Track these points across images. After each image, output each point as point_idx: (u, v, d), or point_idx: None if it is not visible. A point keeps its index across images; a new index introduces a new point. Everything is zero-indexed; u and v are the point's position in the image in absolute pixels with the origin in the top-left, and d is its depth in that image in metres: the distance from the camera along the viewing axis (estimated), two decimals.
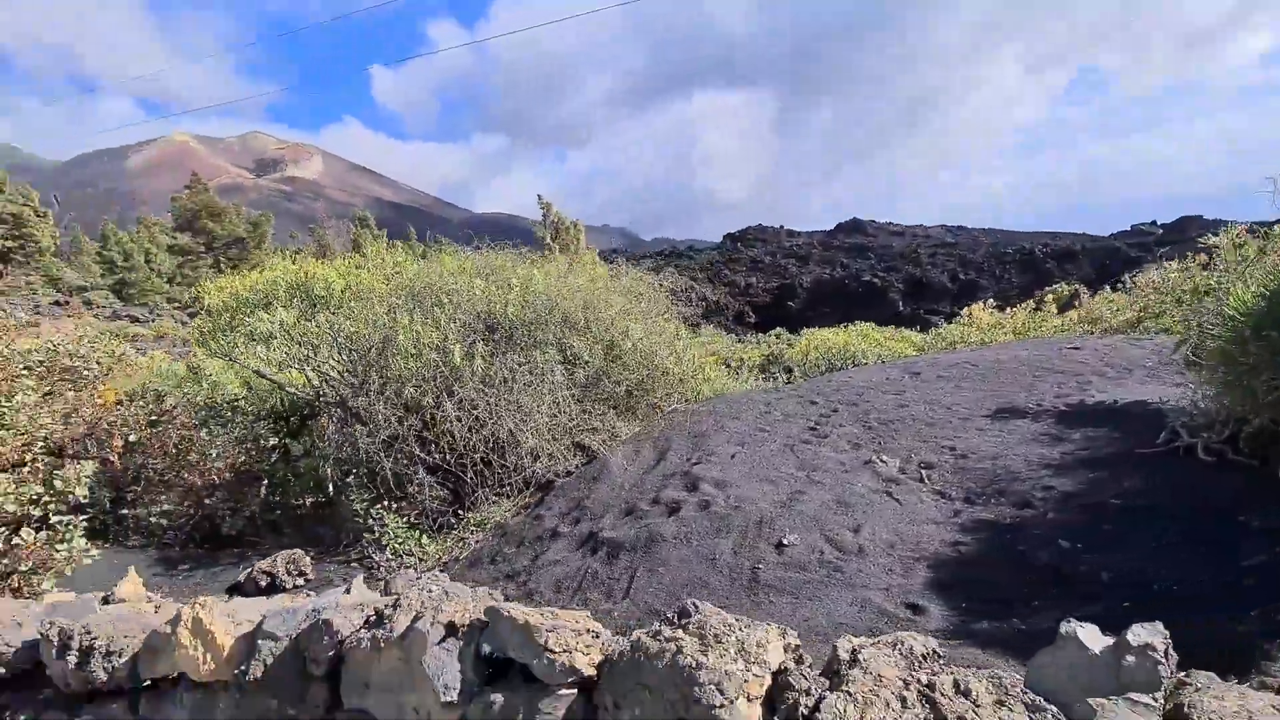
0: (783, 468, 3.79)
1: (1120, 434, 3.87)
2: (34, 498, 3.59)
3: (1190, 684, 1.19)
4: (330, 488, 4.53)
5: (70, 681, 1.95)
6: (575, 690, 1.48)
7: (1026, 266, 54.70)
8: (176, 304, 44.77)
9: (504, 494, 4.41)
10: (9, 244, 46.96)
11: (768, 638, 1.42)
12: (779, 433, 4.47)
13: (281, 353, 4.17)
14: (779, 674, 1.35)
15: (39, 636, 2.03)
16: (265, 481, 4.98)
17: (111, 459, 4.27)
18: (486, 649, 1.55)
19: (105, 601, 2.59)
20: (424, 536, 4.05)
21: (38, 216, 50.16)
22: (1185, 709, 1.12)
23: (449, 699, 1.51)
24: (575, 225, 39.17)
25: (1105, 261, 51.63)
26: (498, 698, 1.49)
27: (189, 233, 52.28)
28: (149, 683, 1.92)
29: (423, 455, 4.02)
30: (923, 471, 3.73)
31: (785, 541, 2.90)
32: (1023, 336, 9.03)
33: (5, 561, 3.45)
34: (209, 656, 1.79)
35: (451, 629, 1.59)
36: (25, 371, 4.38)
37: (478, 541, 4.02)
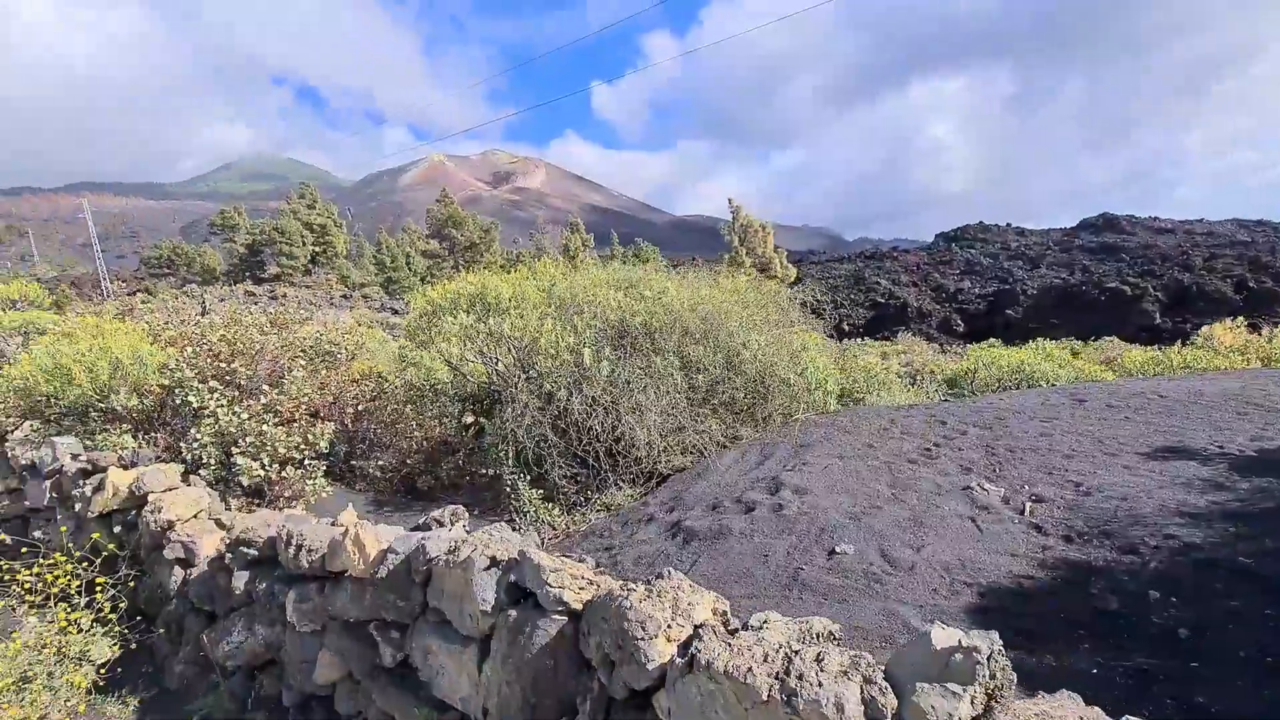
0: (871, 483, 3.87)
1: None
2: (297, 445, 5.04)
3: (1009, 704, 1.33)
4: (495, 461, 5.54)
5: (289, 566, 2.94)
6: (565, 618, 1.99)
7: None
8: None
9: (625, 482, 5.03)
10: (316, 249, 59.94)
11: (700, 600, 1.79)
12: (886, 449, 4.46)
13: (460, 348, 5.23)
14: (699, 627, 1.72)
15: (275, 535, 3.07)
16: (461, 452, 6.20)
17: (347, 423, 5.71)
18: (513, 579, 2.13)
19: (332, 524, 3.70)
20: (556, 509, 4.82)
21: (336, 227, 63.19)
22: (994, 713, 1.28)
23: (485, 609, 2.11)
24: (764, 228, 39.04)
25: None
26: (514, 613, 2.05)
27: (437, 239, 61.94)
28: (330, 574, 2.83)
29: (556, 440, 4.79)
30: (1027, 504, 3.54)
31: (838, 549, 3.08)
32: (1275, 364, 7.44)
33: (276, 489, 4.92)
34: (360, 560, 2.61)
35: (494, 562, 2.19)
36: (301, 355, 6.06)
37: (596, 520, 4.68)
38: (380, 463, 5.83)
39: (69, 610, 3.51)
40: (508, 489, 5.03)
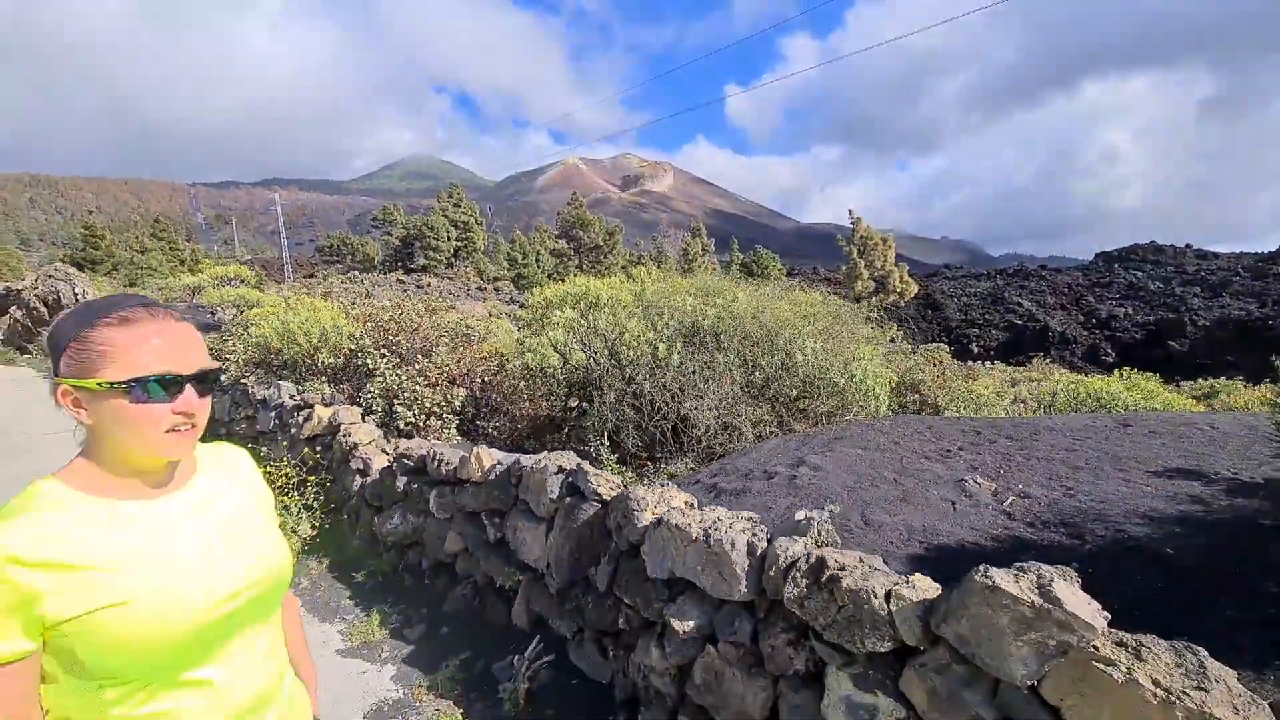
0: (880, 469, 4.62)
1: None
2: (439, 402, 6.56)
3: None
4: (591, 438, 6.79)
5: (433, 474, 4.29)
6: (599, 504, 3.09)
7: None
8: None
9: (688, 457, 6.06)
10: (459, 244, 65.66)
11: (677, 496, 2.82)
12: (908, 447, 5.14)
13: (566, 337, 6.51)
14: (671, 509, 2.75)
15: (426, 454, 4.44)
16: (566, 429, 7.54)
17: (475, 390, 7.20)
18: (571, 481, 3.26)
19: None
20: (629, 471, 5.95)
21: (477, 225, 68.77)
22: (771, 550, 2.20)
23: (552, 498, 3.27)
24: (884, 240, 38.05)
25: None
26: (569, 500, 3.19)
27: (565, 239, 65.74)
28: (459, 480, 4.14)
29: (632, 415, 5.92)
30: (1010, 498, 4.15)
31: (826, 509, 3.93)
32: None
33: (422, 433, 6.46)
34: (479, 470, 3.88)
35: (561, 469, 3.34)
36: (445, 335, 7.67)
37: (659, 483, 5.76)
38: (496, 425, 7.27)
39: (287, 498, 5.15)
40: (592, 452, 6.23)
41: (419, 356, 6.91)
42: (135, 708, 0.93)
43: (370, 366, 6.70)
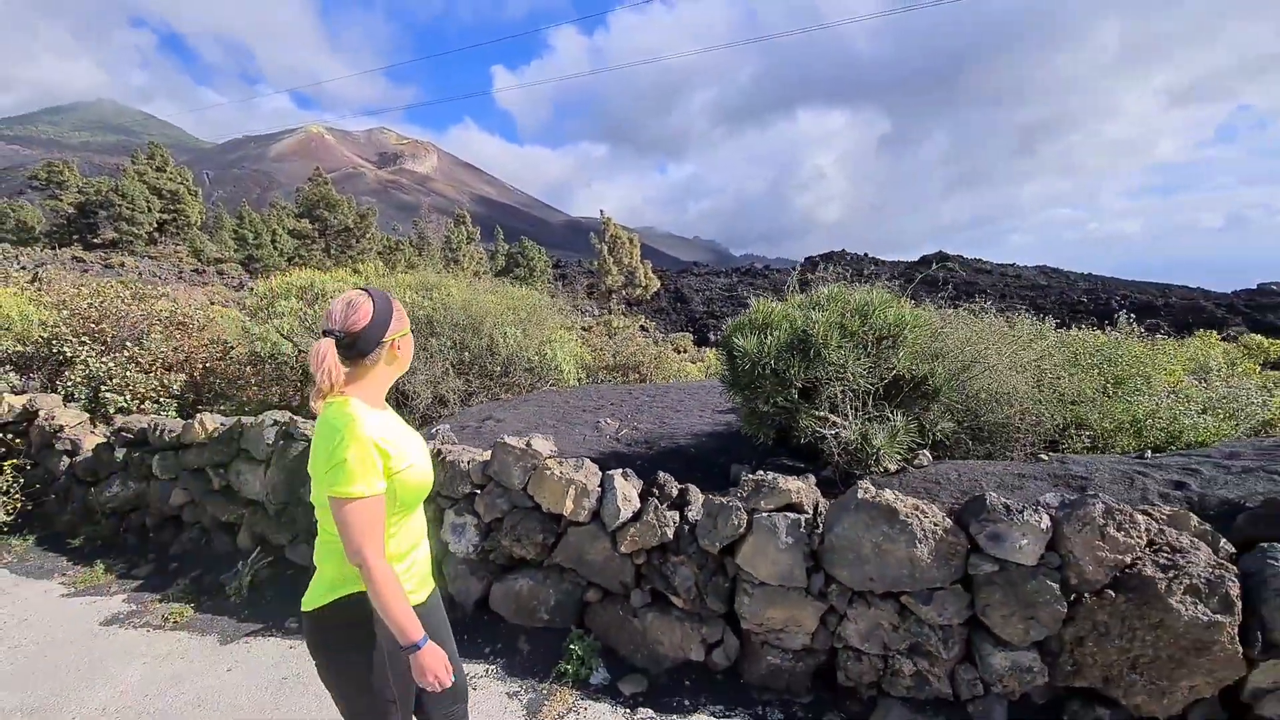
0: (547, 418, 6.44)
1: None
2: (154, 388, 6.79)
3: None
4: None
5: (154, 442, 4.94)
6: (307, 441, 4.27)
7: (1098, 315, 52.72)
8: None
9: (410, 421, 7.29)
10: (165, 217, 55.52)
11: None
12: (574, 405, 7.10)
13: (290, 325, 7.23)
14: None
15: (147, 425, 5.05)
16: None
17: (195, 376, 7.48)
18: (286, 430, 4.38)
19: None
20: None
21: (191, 195, 58.74)
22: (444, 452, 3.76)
23: (268, 443, 4.35)
24: (631, 240, 42.37)
25: (1187, 319, 49.04)
26: (282, 443, 4.32)
27: (309, 219, 59.54)
28: (182, 444, 4.88)
29: None
30: (624, 430, 6.26)
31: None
32: None
33: (145, 415, 6.66)
34: (203, 433, 4.71)
35: (275, 423, 4.42)
36: (158, 324, 7.71)
37: None
38: (222, 409, 7.64)
39: None
40: None
41: (127, 344, 6.98)
42: (404, 523, 1.65)
43: (68, 354, 6.63)
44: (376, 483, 1.48)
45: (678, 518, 3.17)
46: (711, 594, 2.98)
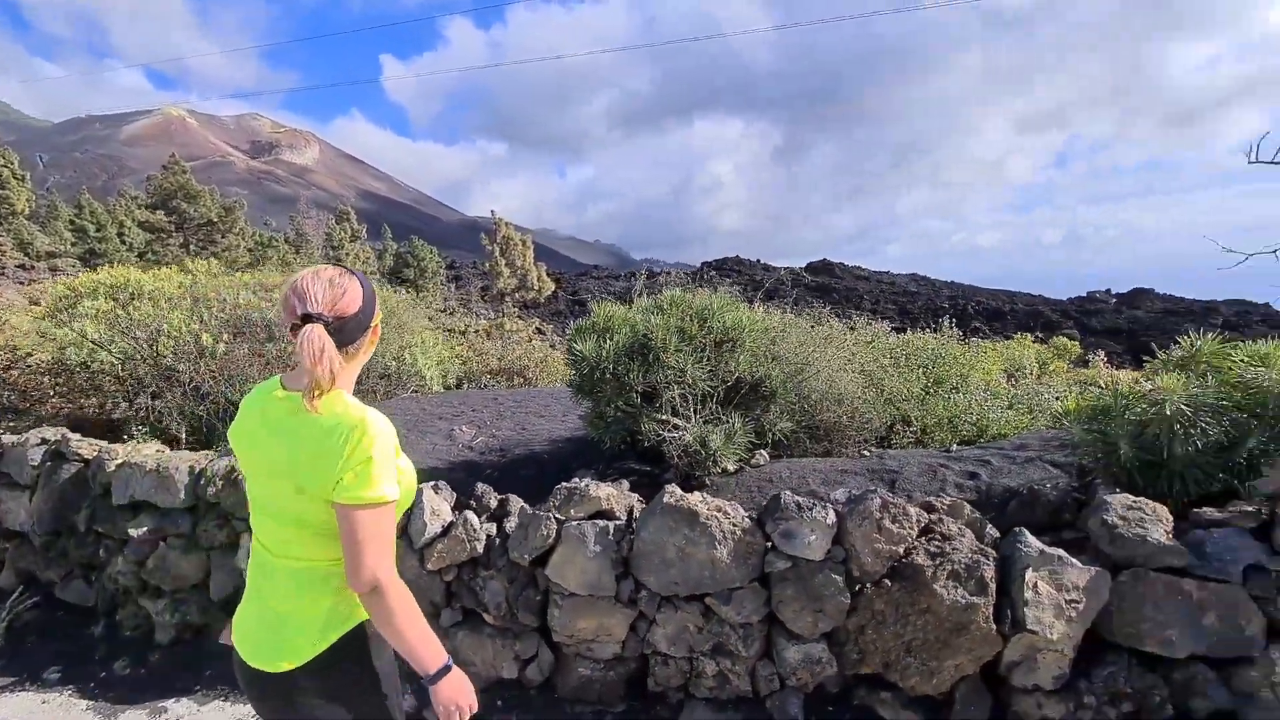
0: (398, 425, 6.08)
1: None
2: None
3: None
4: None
5: None
6: (81, 463, 3.74)
7: (957, 320, 58.43)
8: None
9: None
10: None
11: (143, 448, 3.69)
12: (433, 412, 6.77)
13: (99, 330, 6.38)
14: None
15: None
16: (135, 426, 7.12)
17: None
18: (58, 450, 3.80)
19: None
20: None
21: (17, 180, 51.25)
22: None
23: (33, 465, 3.76)
24: (524, 241, 41.66)
25: (1030, 323, 55.16)
26: (51, 464, 3.75)
27: (163, 211, 53.65)
28: None
29: (178, 399, 6.25)
30: (481, 437, 6.05)
31: None
32: None
33: None
34: None
35: (43, 441, 3.84)
36: None
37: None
38: (10, 425, 6.60)
39: None
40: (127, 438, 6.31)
41: None
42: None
43: None
44: (395, 486, 1.32)
45: (494, 530, 3.04)
46: (523, 608, 2.87)
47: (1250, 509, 2.59)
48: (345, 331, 1.35)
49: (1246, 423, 2.88)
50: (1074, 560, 2.51)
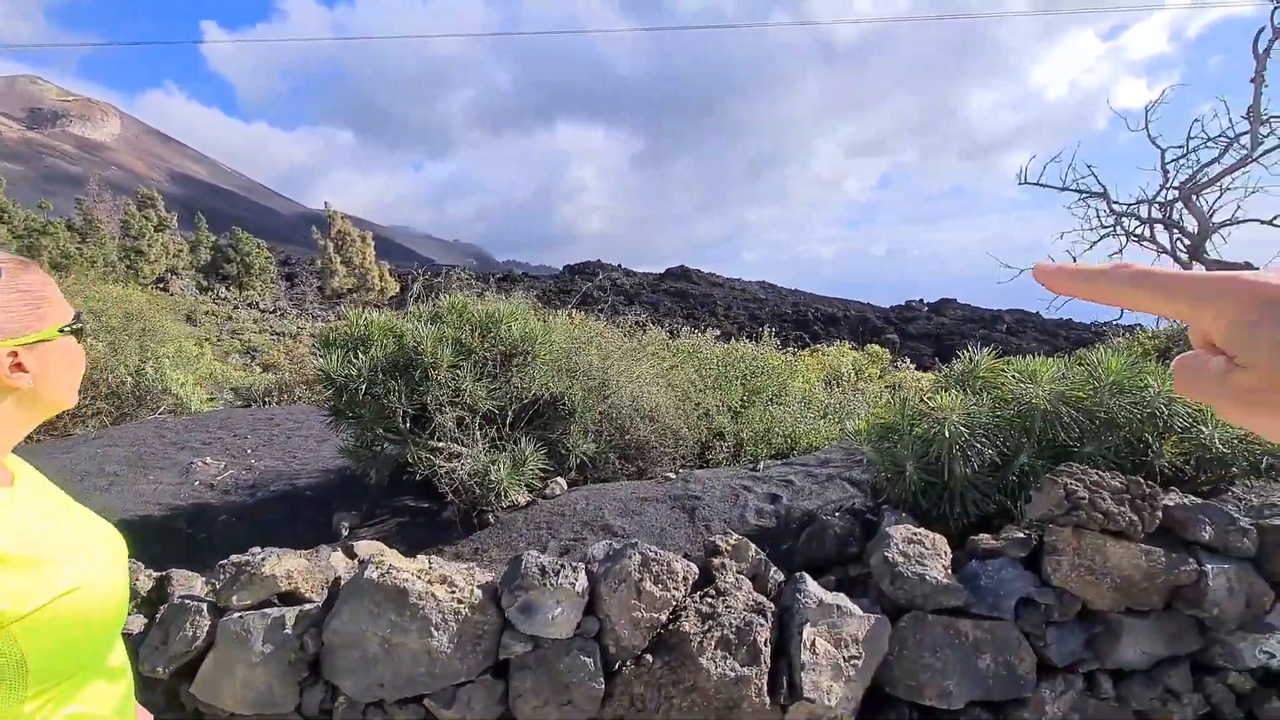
0: (111, 463, 4.79)
1: None
2: None
3: None
4: None
5: None
6: None
7: (799, 325, 63.02)
8: None
9: None
10: None
11: None
12: (173, 440, 5.50)
13: None
14: None
15: None
16: None
17: None
18: None
19: None
20: None
21: None
22: None
23: None
24: (364, 238, 38.35)
25: (860, 329, 60.74)
26: None
27: None
28: None
29: None
30: (230, 470, 4.93)
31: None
32: None
33: None
34: None
35: None
36: None
37: None
38: None
39: None
40: None
41: None
42: (54, 712, 0.80)
43: None
44: None
45: (143, 623, 2.17)
46: None
47: (1021, 535, 2.45)
48: None
49: (1018, 440, 2.80)
50: (853, 608, 2.21)
